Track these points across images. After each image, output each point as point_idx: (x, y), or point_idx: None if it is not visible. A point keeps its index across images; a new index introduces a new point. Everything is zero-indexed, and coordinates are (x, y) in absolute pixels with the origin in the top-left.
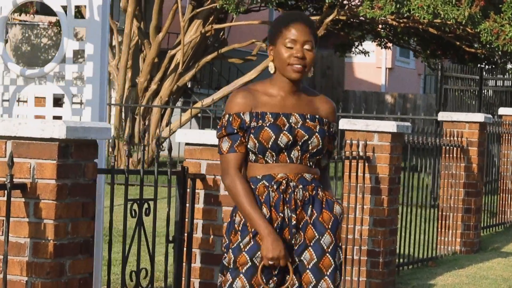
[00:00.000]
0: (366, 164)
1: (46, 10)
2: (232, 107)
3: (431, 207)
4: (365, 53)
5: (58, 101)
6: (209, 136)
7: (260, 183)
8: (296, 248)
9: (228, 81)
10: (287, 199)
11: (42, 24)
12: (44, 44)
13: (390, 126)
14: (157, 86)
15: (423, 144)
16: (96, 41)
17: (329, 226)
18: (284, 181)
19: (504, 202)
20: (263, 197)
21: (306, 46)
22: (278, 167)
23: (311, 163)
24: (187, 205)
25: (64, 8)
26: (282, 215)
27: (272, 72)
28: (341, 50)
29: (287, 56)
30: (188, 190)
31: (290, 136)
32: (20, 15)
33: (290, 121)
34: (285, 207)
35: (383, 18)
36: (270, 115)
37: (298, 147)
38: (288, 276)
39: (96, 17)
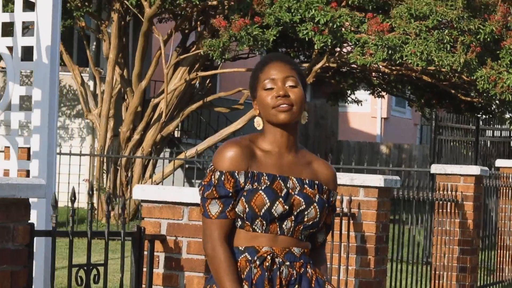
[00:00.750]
0: (351, 221)
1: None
2: (223, 162)
3: (423, 264)
4: (358, 102)
5: None
6: (170, 192)
7: (242, 256)
8: None
9: (217, 130)
10: (270, 277)
11: (25, 72)
12: None
13: (377, 180)
14: (140, 136)
15: (413, 199)
16: (45, 86)
17: None
18: (269, 257)
19: (502, 259)
20: (245, 273)
21: (289, 83)
22: (264, 238)
23: (302, 236)
24: (144, 269)
25: (11, 49)
26: None
27: (259, 128)
28: (333, 99)
29: (269, 99)
30: (145, 253)
31: (286, 206)
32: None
33: (288, 185)
34: (268, 286)
35: (374, 65)
36: (266, 177)
37: (293, 217)
38: None
39: (45, 59)
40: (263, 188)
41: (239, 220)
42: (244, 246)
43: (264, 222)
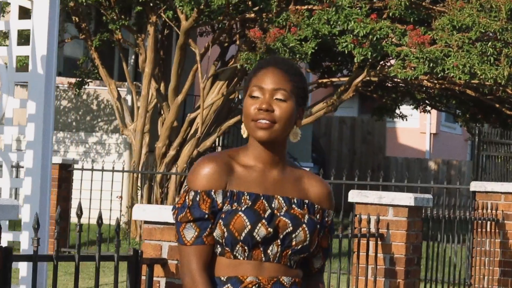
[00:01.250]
0: (379, 242)
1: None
2: (198, 181)
3: (463, 285)
4: (403, 117)
5: (68, 168)
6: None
7: None
8: None
9: None
10: None
11: (62, 86)
12: (64, 106)
13: (406, 198)
14: (176, 151)
15: (449, 218)
16: (40, 98)
17: None
18: None
19: None
20: None
21: (277, 96)
22: (249, 266)
23: (292, 263)
24: None
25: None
26: None
27: (245, 135)
28: (378, 114)
29: (251, 109)
30: (143, 277)
31: (269, 229)
32: None
33: (272, 205)
34: None
35: (416, 79)
36: (247, 196)
37: (278, 241)
38: None
39: (40, 69)
40: (243, 209)
41: (218, 246)
42: (226, 277)
43: (245, 247)
